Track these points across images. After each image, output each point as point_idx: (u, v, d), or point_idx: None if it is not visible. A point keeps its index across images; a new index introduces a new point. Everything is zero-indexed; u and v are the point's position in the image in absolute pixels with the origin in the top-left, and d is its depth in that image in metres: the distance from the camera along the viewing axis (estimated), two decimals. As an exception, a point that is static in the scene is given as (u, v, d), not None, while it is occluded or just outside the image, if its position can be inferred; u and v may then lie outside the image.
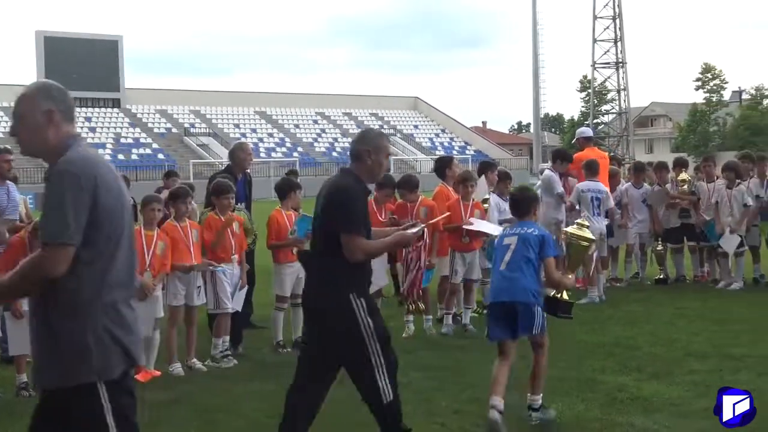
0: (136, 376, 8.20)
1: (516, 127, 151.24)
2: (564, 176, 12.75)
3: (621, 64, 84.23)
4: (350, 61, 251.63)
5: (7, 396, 7.84)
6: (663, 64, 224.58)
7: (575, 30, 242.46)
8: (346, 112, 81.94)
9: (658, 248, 13.69)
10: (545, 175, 12.80)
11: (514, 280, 6.46)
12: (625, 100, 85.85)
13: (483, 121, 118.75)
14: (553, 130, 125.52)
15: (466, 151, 74.20)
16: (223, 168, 10.93)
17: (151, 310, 8.26)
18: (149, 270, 8.26)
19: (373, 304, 5.64)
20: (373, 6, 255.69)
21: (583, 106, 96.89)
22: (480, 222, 10.14)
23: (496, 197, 11.28)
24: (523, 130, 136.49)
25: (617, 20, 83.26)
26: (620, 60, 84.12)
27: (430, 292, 10.29)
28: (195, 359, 8.74)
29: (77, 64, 67.71)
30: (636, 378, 7.84)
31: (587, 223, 7.53)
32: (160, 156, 65.30)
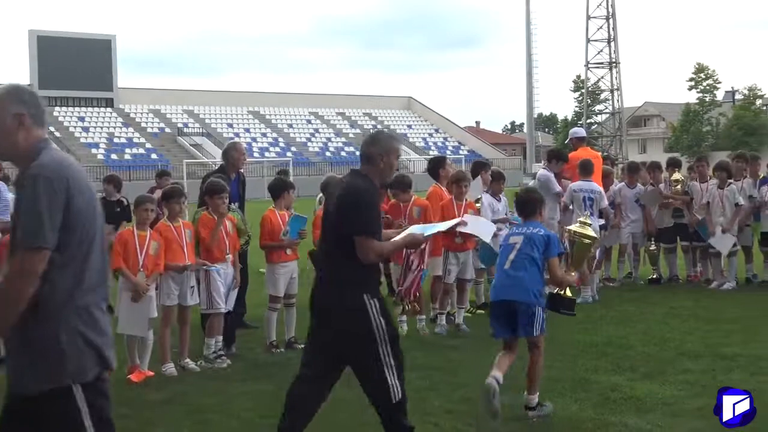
0: (130, 376, 8.22)
1: (509, 127, 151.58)
2: (558, 177, 12.74)
3: (614, 64, 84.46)
4: (344, 61, 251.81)
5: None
6: (656, 64, 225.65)
7: (569, 30, 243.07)
8: (340, 112, 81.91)
9: (651, 248, 13.71)
10: (541, 174, 12.78)
11: (518, 280, 6.57)
12: (618, 100, 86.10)
13: (476, 121, 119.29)
14: (547, 130, 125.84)
15: (460, 151, 74.22)
16: (217, 168, 10.90)
17: (144, 311, 8.24)
18: (142, 270, 8.24)
19: (385, 304, 5.68)
20: (367, 6, 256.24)
21: (577, 106, 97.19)
22: (475, 219, 10.09)
23: (489, 197, 11.27)
24: (517, 130, 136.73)
25: (611, 20, 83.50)
26: (613, 60, 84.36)
27: (423, 292, 10.29)
28: (188, 359, 8.72)
29: (70, 64, 67.70)
30: (629, 378, 7.85)
31: (590, 222, 7.64)
32: (154, 156, 65.16)
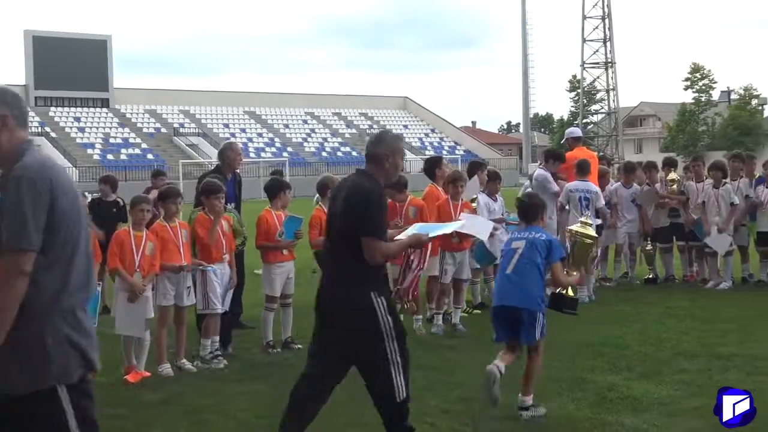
0: (126, 377, 8.21)
1: (505, 127, 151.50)
2: (554, 177, 12.72)
3: (610, 64, 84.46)
4: (340, 61, 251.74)
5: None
6: (652, 64, 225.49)
7: (564, 30, 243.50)
8: (336, 112, 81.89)
9: (648, 248, 13.72)
10: (539, 174, 12.74)
11: (521, 285, 6.65)
12: (614, 100, 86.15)
13: (472, 121, 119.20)
14: (543, 130, 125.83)
15: (456, 151, 74.26)
16: (213, 168, 10.90)
17: (141, 311, 8.23)
18: (139, 271, 8.23)
19: (392, 303, 5.72)
20: (363, 6, 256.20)
21: (573, 106, 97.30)
22: (472, 218, 10.09)
23: (485, 197, 11.27)
24: (513, 130, 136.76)
25: (606, 20, 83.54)
26: (609, 60, 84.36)
27: (420, 292, 10.27)
28: (184, 360, 8.72)
29: (66, 64, 67.58)
30: (625, 377, 7.85)
31: (591, 222, 7.75)
32: (150, 156, 65.08)
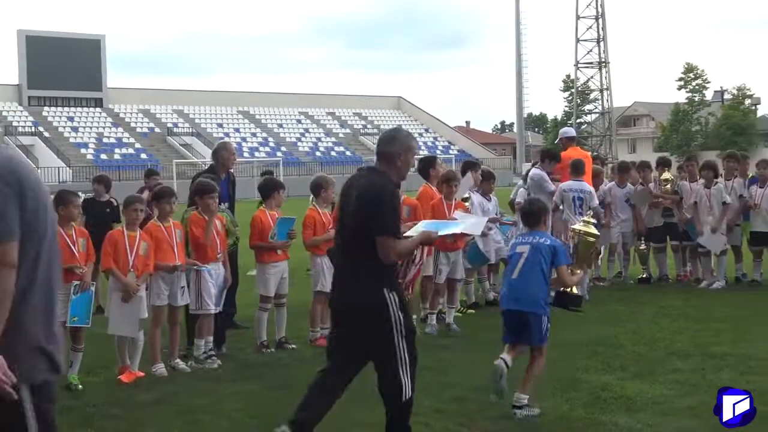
0: (120, 377, 8.19)
1: (499, 126, 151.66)
2: (549, 176, 12.71)
3: (604, 64, 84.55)
4: (333, 61, 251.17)
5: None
6: (645, 64, 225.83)
7: (558, 30, 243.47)
8: (330, 112, 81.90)
9: (641, 247, 13.75)
10: (535, 173, 12.68)
11: (526, 289, 6.75)
12: (607, 100, 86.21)
13: (466, 121, 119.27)
14: (537, 129, 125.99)
15: (450, 151, 74.28)
16: (207, 168, 10.88)
17: (134, 311, 8.21)
18: (132, 270, 8.22)
19: (404, 299, 5.76)
20: (356, 5, 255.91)
21: (567, 106, 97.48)
22: (465, 216, 10.07)
23: (479, 197, 11.27)
24: (507, 130, 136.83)
25: (600, 20, 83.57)
26: (603, 60, 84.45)
27: (415, 291, 10.27)
28: (178, 360, 8.70)
29: (59, 64, 67.51)
30: (619, 377, 7.87)
31: (593, 220, 7.87)
32: (143, 156, 65.01)
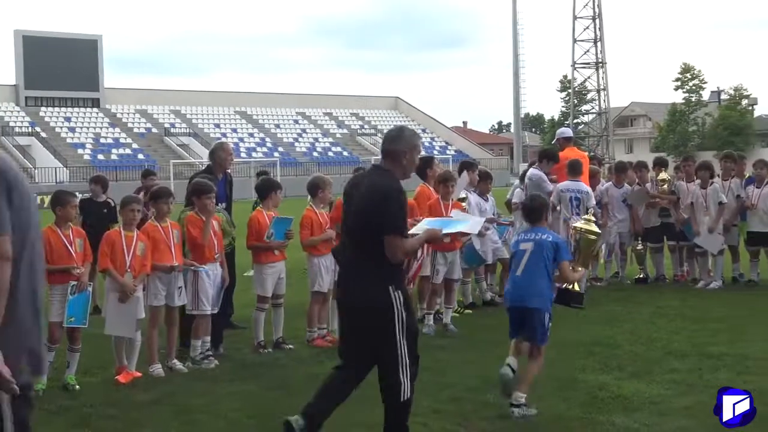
0: (117, 377, 8.18)
1: (496, 127, 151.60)
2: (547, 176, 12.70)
3: (601, 64, 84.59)
4: (331, 61, 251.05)
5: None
6: (642, 64, 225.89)
7: (555, 30, 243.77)
8: (327, 112, 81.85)
9: (638, 247, 13.76)
10: (533, 174, 12.63)
11: (530, 286, 6.85)
12: (604, 100, 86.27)
13: (464, 121, 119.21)
14: (534, 130, 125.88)
15: (447, 151, 74.25)
16: (204, 168, 10.88)
17: (131, 311, 8.20)
18: (129, 271, 8.21)
19: (409, 299, 5.80)
20: (354, 6, 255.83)
21: (564, 106, 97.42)
22: (462, 215, 10.06)
23: (476, 197, 11.27)
24: (504, 130, 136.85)
25: (597, 20, 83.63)
26: (600, 60, 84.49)
27: (412, 291, 10.27)
28: (175, 360, 8.69)
29: (56, 64, 67.40)
30: (616, 377, 7.87)
31: (594, 218, 8.00)
32: (140, 156, 64.95)
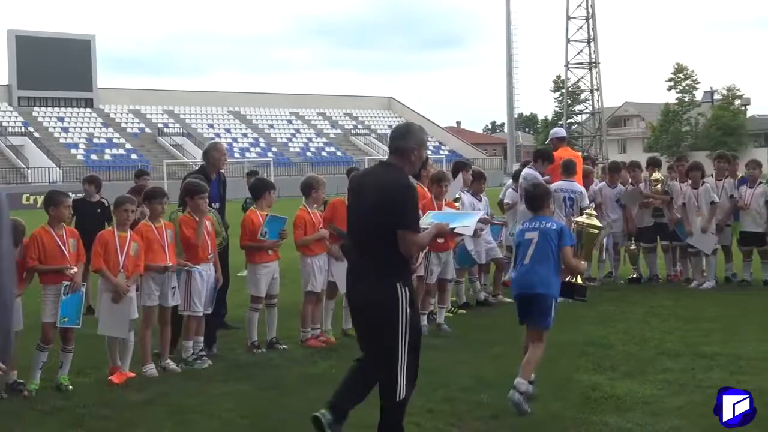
0: (111, 378, 8.16)
1: (490, 127, 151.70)
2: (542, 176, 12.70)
3: (594, 64, 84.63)
4: (324, 61, 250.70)
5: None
6: (636, 65, 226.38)
7: (549, 30, 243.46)
8: (321, 112, 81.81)
9: (632, 247, 13.77)
10: (528, 173, 12.57)
11: (538, 273, 6.95)
12: (598, 100, 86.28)
13: (457, 121, 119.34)
14: (527, 130, 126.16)
15: (441, 151, 74.25)
16: (197, 168, 10.86)
17: (125, 312, 8.19)
18: (123, 271, 8.20)
19: (414, 296, 5.81)
20: (347, 6, 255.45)
21: (557, 106, 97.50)
22: (455, 213, 10.04)
23: (470, 197, 11.27)
24: (497, 130, 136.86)
25: (590, 20, 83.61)
26: (593, 60, 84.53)
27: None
28: (169, 360, 8.69)
29: (50, 64, 67.32)
30: (610, 377, 7.88)
31: (595, 213, 8.15)
32: (134, 156, 64.85)
